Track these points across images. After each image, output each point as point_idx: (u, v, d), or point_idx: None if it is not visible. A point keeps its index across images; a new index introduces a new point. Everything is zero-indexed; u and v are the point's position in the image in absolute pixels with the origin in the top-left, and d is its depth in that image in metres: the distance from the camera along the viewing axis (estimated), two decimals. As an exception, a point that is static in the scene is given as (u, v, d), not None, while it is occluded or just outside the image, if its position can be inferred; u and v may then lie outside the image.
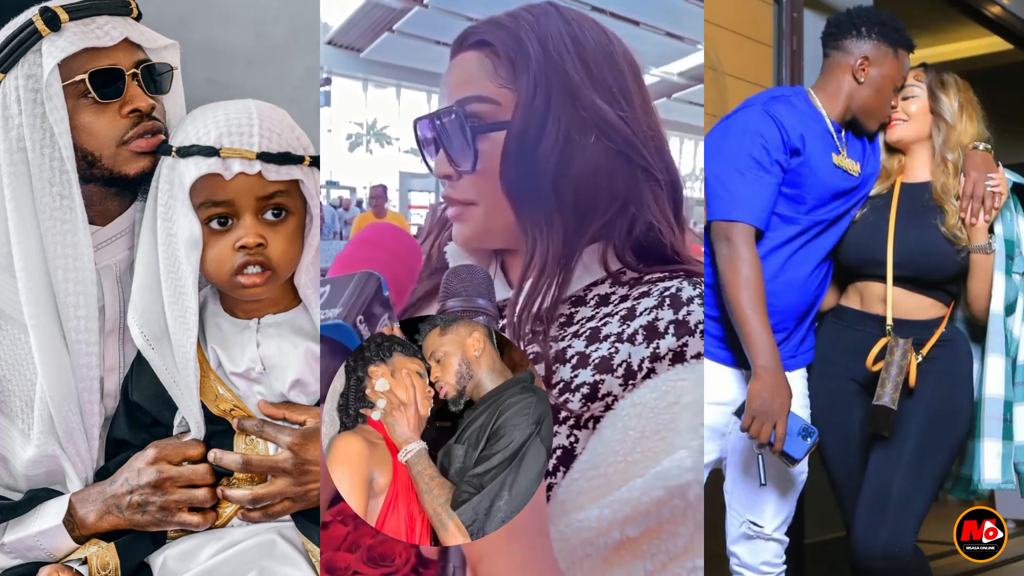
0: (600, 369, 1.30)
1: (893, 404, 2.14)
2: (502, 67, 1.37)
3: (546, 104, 1.34)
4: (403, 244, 1.33)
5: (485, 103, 1.37)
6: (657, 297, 1.33)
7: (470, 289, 1.26)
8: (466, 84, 1.40)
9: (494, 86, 1.37)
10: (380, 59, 8.29)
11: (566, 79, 1.34)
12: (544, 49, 1.36)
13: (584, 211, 1.35)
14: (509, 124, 1.35)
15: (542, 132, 1.34)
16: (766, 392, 2.03)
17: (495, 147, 1.37)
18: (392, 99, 8.58)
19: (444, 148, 1.41)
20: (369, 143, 8.86)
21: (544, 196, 1.35)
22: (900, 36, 2.24)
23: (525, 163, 1.34)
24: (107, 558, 1.48)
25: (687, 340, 1.29)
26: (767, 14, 3.37)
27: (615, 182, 1.35)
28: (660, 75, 6.38)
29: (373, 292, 1.22)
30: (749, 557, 2.31)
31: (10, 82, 1.48)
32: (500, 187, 1.37)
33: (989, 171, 2.22)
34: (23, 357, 1.53)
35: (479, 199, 1.40)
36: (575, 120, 1.34)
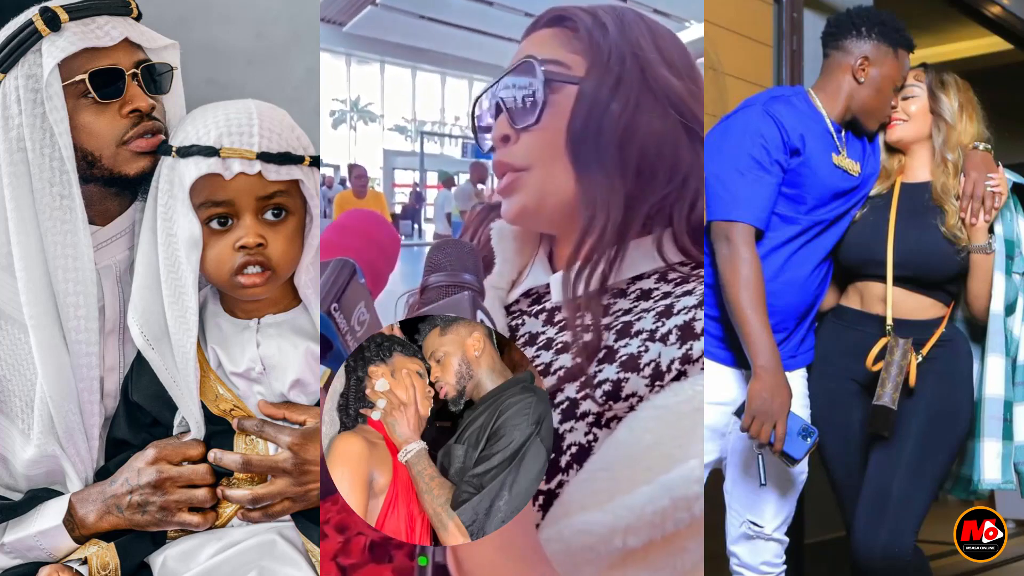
0: (626, 367, 1.26)
1: (893, 404, 2.14)
2: (577, 40, 1.37)
3: (619, 69, 1.33)
4: (380, 230, 1.32)
5: (557, 64, 1.35)
6: (698, 297, 1.29)
7: (456, 263, 1.25)
8: (537, 52, 1.38)
9: (567, 52, 1.36)
10: (364, 33, 8.14)
11: (640, 52, 1.34)
12: (620, 26, 1.36)
13: (647, 180, 1.32)
14: (582, 80, 1.33)
15: (613, 93, 1.32)
16: (766, 392, 2.03)
17: (564, 103, 1.34)
18: (376, 75, 8.44)
19: (507, 106, 1.37)
20: (353, 120, 8.75)
21: (609, 159, 1.31)
22: (900, 36, 2.24)
23: (594, 122, 1.31)
24: (107, 558, 1.48)
25: (692, 345, 1.26)
26: (767, 14, 3.37)
27: (679, 155, 1.33)
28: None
29: (347, 279, 1.21)
30: (749, 557, 2.31)
31: (10, 82, 1.48)
32: (562, 147, 1.33)
33: (989, 171, 2.22)
34: (23, 357, 1.53)
35: (536, 162, 1.36)
36: (645, 89, 1.33)
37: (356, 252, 1.25)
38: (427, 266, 1.26)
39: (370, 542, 1.40)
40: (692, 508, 1.18)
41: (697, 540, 1.18)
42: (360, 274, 1.22)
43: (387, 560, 1.39)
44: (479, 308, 1.26)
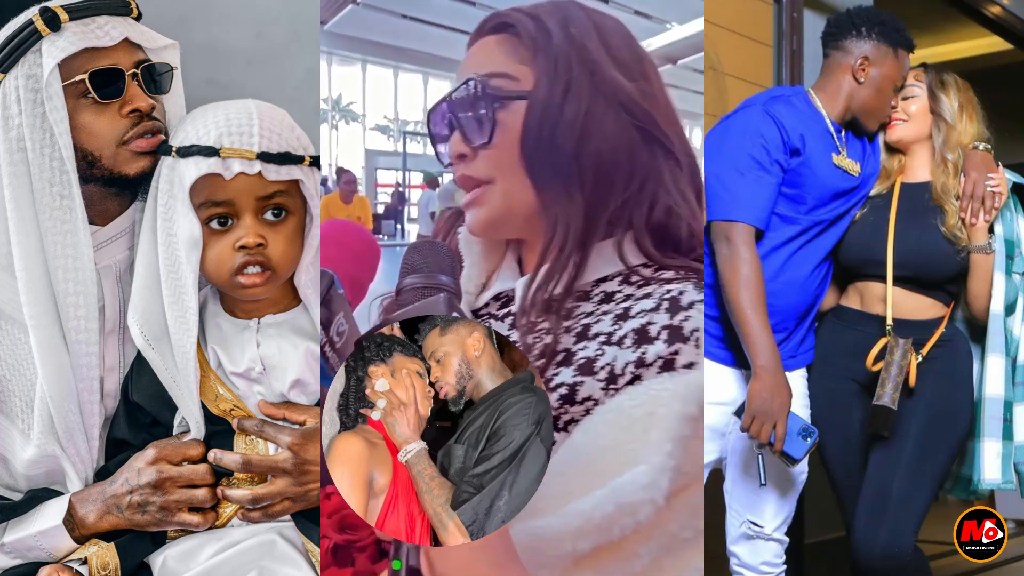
0: (582, 371, 1.25)
1: (893, 404, 2.14)
2: (523, 47, 1.35)
3: (567, 76, 1.31)
4: (361, 241, 1.32)
5: (504, 78, 1.34)
6: (656, 299, 1.27)
7: (432, 264, 1.24)
8: (483, 64, 1.37)
9: (514, 63, 1.34)
10: (345, 32, 8.08)
11: (587, 55, 1.32)
12: (565, 30, 1.34)
13: (605, 187, 1.31)
14: (531, 93, 1.32)
15: (563, 103, 1.31)
16: (766, 392, 2.03)
17: (514, 119, 1.33)
18: (357, 74, 8.38)
19: (460, 125, 1.37)
20: (335, 119, 8.69)
21: (565, 169, 1.31)
22: (900, 36, 2.24)
23: (546, 134, 1.30)
24: (107, 558, 1.48)
25: (679, 348, 1.22)
26: (767, 14, 3.37)
27: (635, 158, 1.32)
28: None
29: (325, 290, 1.21)
30: (749, 557, 2.31)
31: (10, 82, 1.48)
32: (519, 161, 1.33)
33: (989, 171, 2.22)
34: (23, 357, 1.53)
35: (496, 175, 1.36)
36: (596, 94, 1.32)
37: (335, 263, 1.24)
38: (403, 268, 1.25)
39: (333, 545, 1.41)
40: (637, 514, 1.16)
41: (649, 545, 1.17)
42: (339, 284, 1.22)
43: (349, 564, 1.39)
44: (455, 310, 1.25)
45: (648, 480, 1.16)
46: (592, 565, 1.17)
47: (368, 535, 1.31)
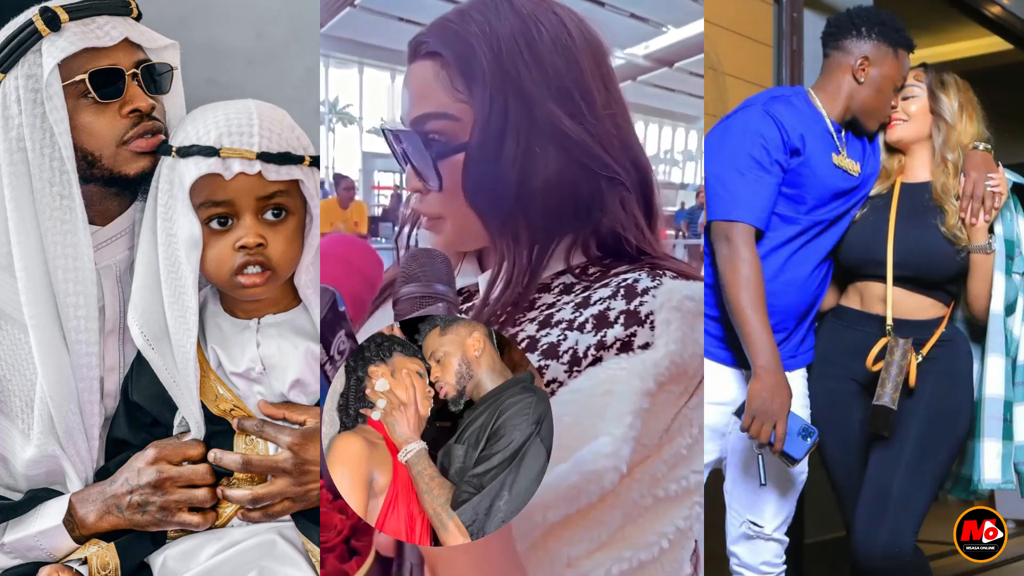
0: (547, 355, 1.29)
1: (893, 404, 2.14)
2: (457, 79, 1.34)
3: (503, 120, 1.31)
4: (363, 256, 1.31)
5: (444, 119, 1.35)
6: (613, 288, 1.32)
7: (429, 274, 1.24)
8: (424, 98, 1.38)
9: (451, 100, 1.34)
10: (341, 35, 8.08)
11: (522, 90, 1.31)
12: (497, 60, 1.32)
13: (550, 221, 1.34)
14: (468, 145, 1.33)
15: (500, 149, 1.31)
16: (766, 392, 2.03)
17: (456, 168, 1.35)
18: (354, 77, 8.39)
19: (411, 164, 1.39)
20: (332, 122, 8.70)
21: (508, 210, 1.33)
22: (900, 36, 2.24)
23: (487, 181, 1.32)
24: (107, 558, 1.48)
25: (635, 330, 1.27)
26: (767, 14, 3.37)
27: (579, 192, 1.33)
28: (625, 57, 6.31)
29: (327, 308, 1.21)
30: (749, 557, 2.31)
31: (10, 82, 1.48)
32: (466, 204, 1.36)
33: (989, 171, 2.22)
34: (23, 357, 1.52)
35: (447, 214, 1.39)
36: (534, 133, 1.31)
37: (336, 280, 1.24)
38: (400, 276, 1.25)
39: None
40: (602, 480, 1.21)
41: (613, 513, 1.22)
42: (340, 302, 1.22)
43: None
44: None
45: (611, 449, 1.21)
46: (560, 535, 1.21)
47: (335, 536, 1.31)
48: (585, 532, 1.21)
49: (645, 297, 1.28)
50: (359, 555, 1.30)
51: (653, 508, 1.25)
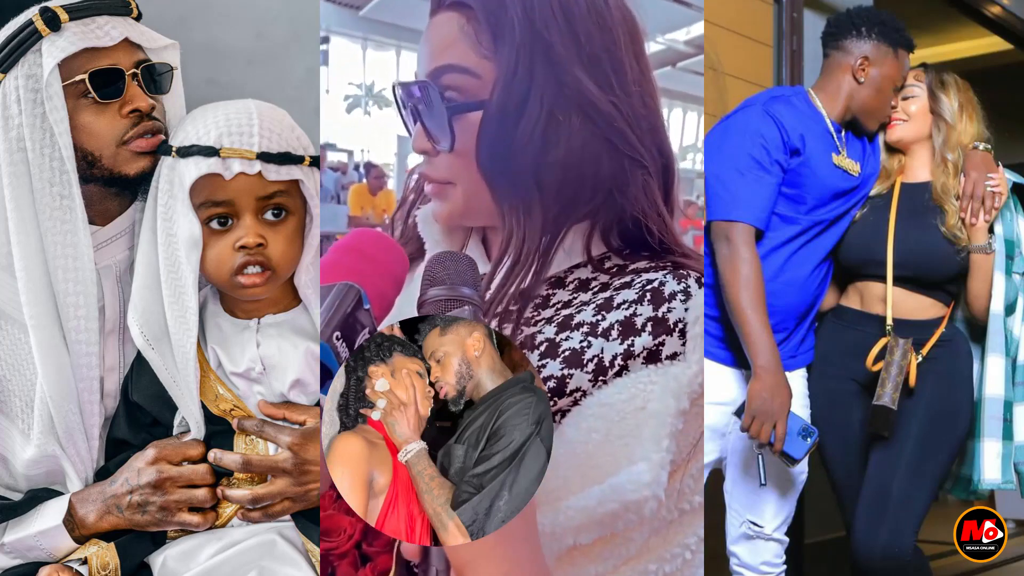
0: (570, 363, 1.25)
1: (893, 404, 2.14)
2: (484, 34, 1.26)
3: (528, 81, 1.23)
4: (388, 252, 1.25)
5: (465, 75, 1.27)
6: (638, 291, 1.26)
7: (454, 277, 1.22)
8: (445, 50, 1.30)
9: (475, 56, 1.27)
10: (379, 18, 8.09)
11: (551, 53, 1.23)
12: (528, 17, 1.24)
13: (566, 199, 1.27)
14: (487, 103, 1.25)
15: (522, 112, 1.24)
16: (766, 392, 2.03)
17: (471, 128, 1.27)
18: (391, 60, 8.38)
19: (422, 122, 1.32)
20: (368, 105, 8.69)
21: (523, 181, 1.26)
22: (900, 36, 2.24)
23: (503, 145, 1.25)
24: (107, 558, 1.48)
25: (664, 339, 1.22)
26: (767, 14, 3.37)
27: (600, 169, 1.26)
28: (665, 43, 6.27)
29: (352, 306, 1.18)
30: (749, 557, 2.31)
31: (10, 82, 1.48)
32: (475, 167, 1.29)
33: (989, 171, 2.22)
34: (23, 357, 1.52)
35: (457, 179, 1.32)
36: (559, 99, 1.24)
37: (361, 276, 1.19)
38: (425, 279, 1.22)
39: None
40: (642, 510, 1.18)
41: (641, 530, 1.19)
42: (365, 300, 1.19)
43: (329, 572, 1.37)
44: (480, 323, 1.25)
45: (651, 478, 1.18)
46: (588, 551, 1.19)
47: (345, 540, 1.31)
48: (613, 549, 1.19)
49: (673, 303, 1.23)
50: (371, 560, 1.30)
51: (678, 521, 1.22)
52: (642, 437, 1.19)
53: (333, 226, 6.62)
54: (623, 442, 1.19)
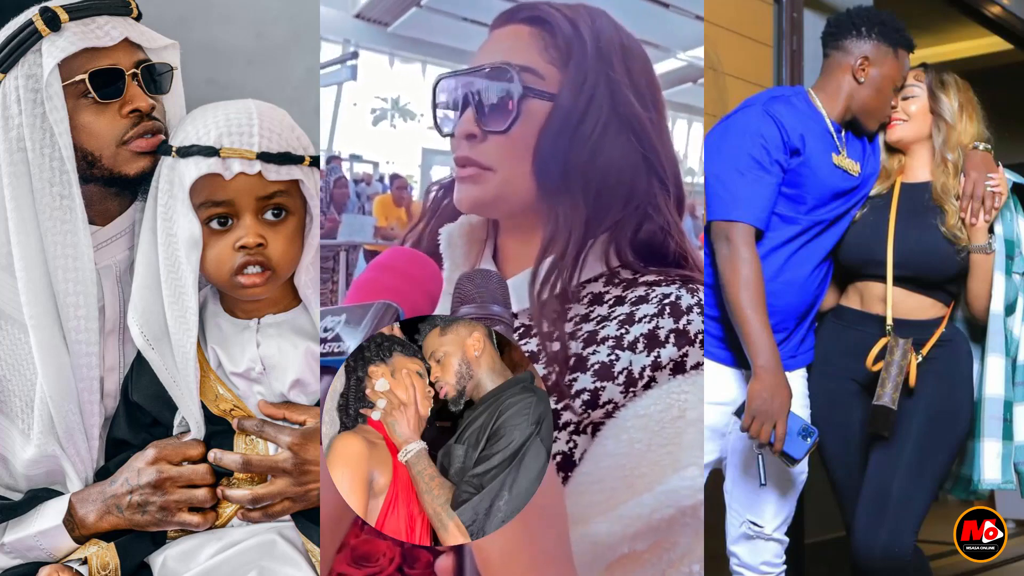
0: (600, 376, 1.29)
1: (893, 404, 2.14)
2: (554, 47, 1.37)
3: (592, 91, 1.35)
4: (422, 269, 1.27)
5: (531, 74, 1.36)
6: (656, 305, 1.32)
7: (485, 295, 1.24)
8: (513, 52, 1.38)
9: (542, 61, 1.36)
10: (407, 34, 8.30)
11: (612, 74, 1.36)
12: (596, 42, 1.37)
13: (606, 202, 1.35)
14: (557, 97, 1.34)
15: (585, 114, 1.34)
16: (766, 392, 2.03)
17: (535, 116, 1.35)
18: (417, 74, 8.58)
19: (475, 105, 1.37)
20: (393, 118, 8.88)
21: (573, 180, 1.34)
22: (900, 36, 2.24)
23: (563, 141, 1.33)
24: (107, 558, 1.48)
25: (687, 350, 1.28)
26: (767, 14, 3.37)
27: (637, 181, 1.36)
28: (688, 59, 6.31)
29: (390, 323, 1.20)
30: (749, 557, 2.31)
31: (10, 82, 1.48)
32: (528, 158, 1.35)
33: (989, 171, 2.22)
34: (23, 357, 1.53)
35: (499, 166, 1.37)
36: (613, 115, 1.35)
37: (398, 293, 1.21)
38: (455, 297, 1.24)
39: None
40: (697, 514, 1.22)
41: (687, 534, 1.22)
42: (402, 317, 1.21)
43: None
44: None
45: (701, 482, 1.24)
46: (638, 558, 1.22)
47: (387, 564, 1.31)
48: (663, 555, 1.22)
49: (691, 315, 1.30)
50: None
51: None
52: (684, 444, 1.23)
53: (361, 236, 6.68)
54: (666, 450, 1.23)
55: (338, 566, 1.32)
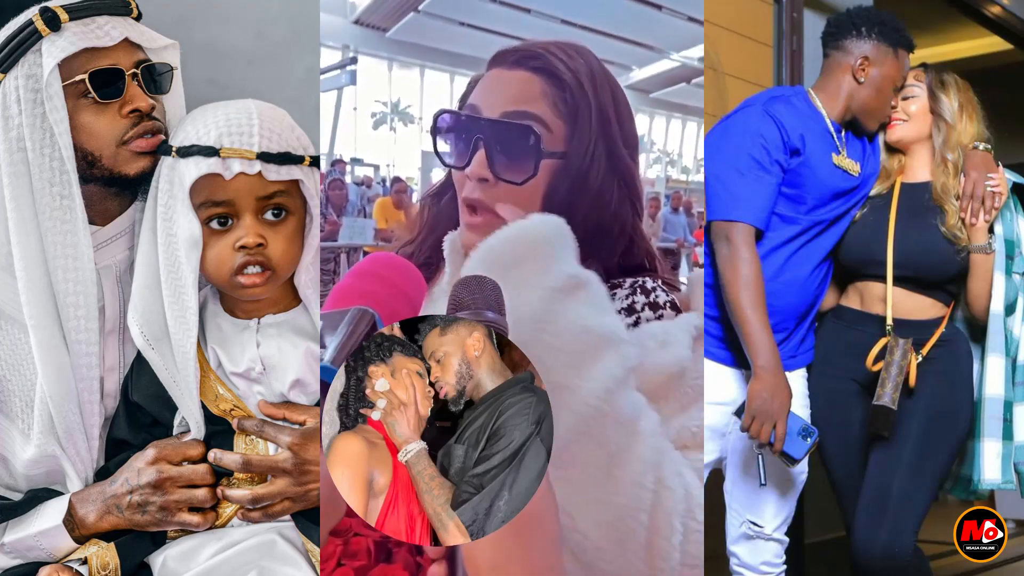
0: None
1: (893, 404, 2.14)
2: (562, 102, 1.46)
3: (595, 150, 1.47)
4: (405, 276, 1.29)
5: (542, 125, 1.45)
6: (629, 288, 1.49)
7: (479, 301, 1.24)
8: (527, 102, 1.45)
9: (552, 115, 1.45)
10: (405, 39, 8.41)
11: (608, 130, 1.48)
12: (597, 98, 1.47)
13: (597, 238, 1.49)
14: (566, 156, 1.45)
15: (588, 172, 1.46)
16: (766, 392, 2.03)
17: (544, 170, 1.46)
18: (416, 79, 8.69)
19: (492, 153, 1.44)
20: (393, 121, 8.98)
21: (573, 222, 1.44)
22: (900, 36, 2.24)
23: (569, 194, 1.46)
24: (107, 558, 1.48)
25: (662, 313, 1.49)
26: (767, 14, 3.37)
27: (623, 217, 1.51)
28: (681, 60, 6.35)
29: (365, 332, 1.20)
30: (749, 557, 2.31)
31: (10, 82, 1.48)
32: (536, 204, 1.45)
33: (989, 171, 2.22)
34: (23, 357, 1.53)
35: (511, 216, 1.45)
36: (610, 170, 1.48)
37: (377, 300, 1.22)
38: (451, 303, 1.25)
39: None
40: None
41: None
42: (380, 324, 1.21)
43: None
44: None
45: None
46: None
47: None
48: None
49: (657, 292, 1.49)
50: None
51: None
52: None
53: (361, 239, 6.71)
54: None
55: (356, 527, 1.33)
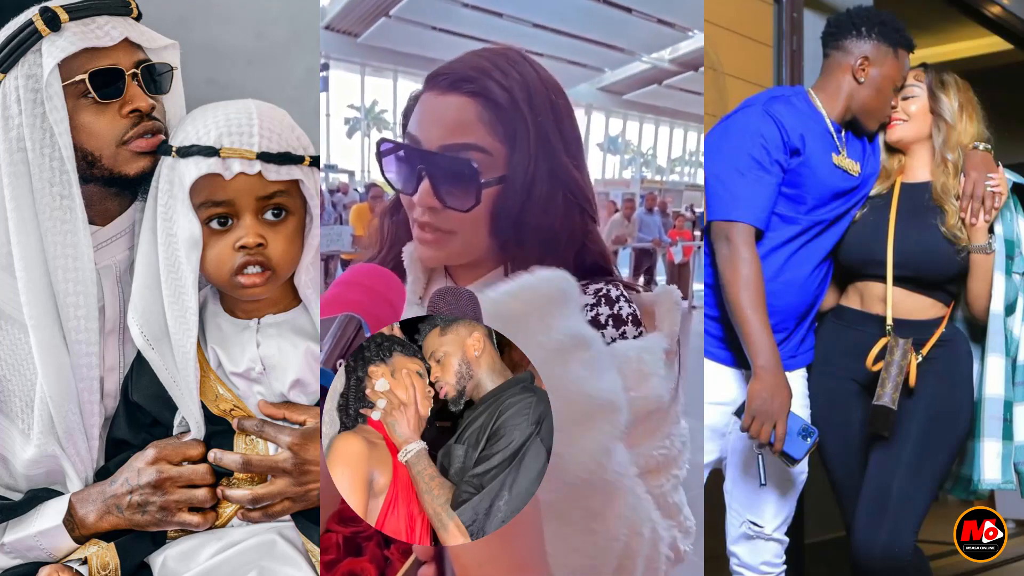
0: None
1: (893, 404, 2.14)
2: (499, 123, 1.46)
3: (535, 166, 1.47)
4: (385, 284, 1.35)
5: (483, 153, 1.45)
6: (593, 297, 1.47)
7: (456, 312, 1.26)
8: (463, 131, 1.46)
9: (491, 140, 1.45)
10: (377, 44, 8.34)
11: (549, 145, 1.48)
12: (535, 115, 1.47)
13: (550, 245, 1.49)
14: (506, 179, 1.46)
15: (531, 187, 1.47)
16: (766, 392, 2.03)
17: (488, 195, 1.46)
18: (389, 84, 8.63)
19: (437, 184, 1.45)
20: (368, 127, 8.93)
21: (524, 233, 1.48)
22: (900, 36, 2.24)
23: (515, 210, 1.47)
24: (107, 558, 1.48)
25: (624, 329, 1.45)
26: (767, 14, 3.37)
27: (573, 223, 1.52)
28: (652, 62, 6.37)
29: (353, 335, 1.23)
30: (749, 557, 2.31)
31: (10, 82, 1.48)
32: (484, 222, 1.47)
33: (989, 171, 2.22)
34: (23, 357, 1.53)
35: (459, 229, 1.47)
36: (554, 182, 1.49)
37: (361, 306, 1.28)
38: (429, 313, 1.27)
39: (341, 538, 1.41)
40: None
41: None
42: (366, 329, 1.24)
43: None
44: None
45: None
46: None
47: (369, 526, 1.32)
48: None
49: (620, 303, 1.48)
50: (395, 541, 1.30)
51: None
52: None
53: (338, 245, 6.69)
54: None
55: (328, 523, 1.34)
